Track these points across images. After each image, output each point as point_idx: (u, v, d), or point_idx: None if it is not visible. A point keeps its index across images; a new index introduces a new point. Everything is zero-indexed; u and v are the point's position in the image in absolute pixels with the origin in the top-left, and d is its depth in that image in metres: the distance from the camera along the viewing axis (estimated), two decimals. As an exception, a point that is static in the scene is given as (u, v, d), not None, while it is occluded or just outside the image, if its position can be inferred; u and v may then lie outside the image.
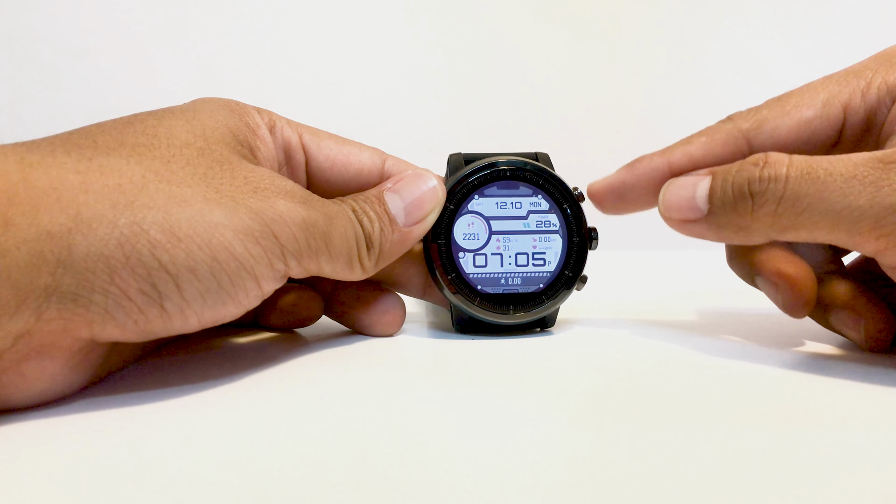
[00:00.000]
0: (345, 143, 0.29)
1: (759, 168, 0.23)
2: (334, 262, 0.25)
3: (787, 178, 0.23)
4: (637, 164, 0.28)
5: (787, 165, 0.23)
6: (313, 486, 0.15)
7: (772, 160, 0.23)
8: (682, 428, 0.19)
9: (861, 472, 0.16)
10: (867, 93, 0.25)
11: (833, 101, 0.25)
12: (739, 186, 0.24)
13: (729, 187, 0.24)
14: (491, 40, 0.73)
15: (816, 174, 0.22)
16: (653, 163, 0.27)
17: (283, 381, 0.24)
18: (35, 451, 0.18)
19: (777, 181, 0.23)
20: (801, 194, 0.22)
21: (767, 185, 0.23)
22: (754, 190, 0.23)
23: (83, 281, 0.19)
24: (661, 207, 0.27)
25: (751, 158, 0.24)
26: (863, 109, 0.25)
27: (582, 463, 0.17)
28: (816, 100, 0.25)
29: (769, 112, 0.26)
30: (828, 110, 0.25)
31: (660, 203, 0.27)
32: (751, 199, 0.23)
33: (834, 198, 0.22)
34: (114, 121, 0.23)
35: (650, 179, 0.27)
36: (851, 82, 0.25)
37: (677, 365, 0.25)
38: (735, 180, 0.24)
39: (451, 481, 0.16)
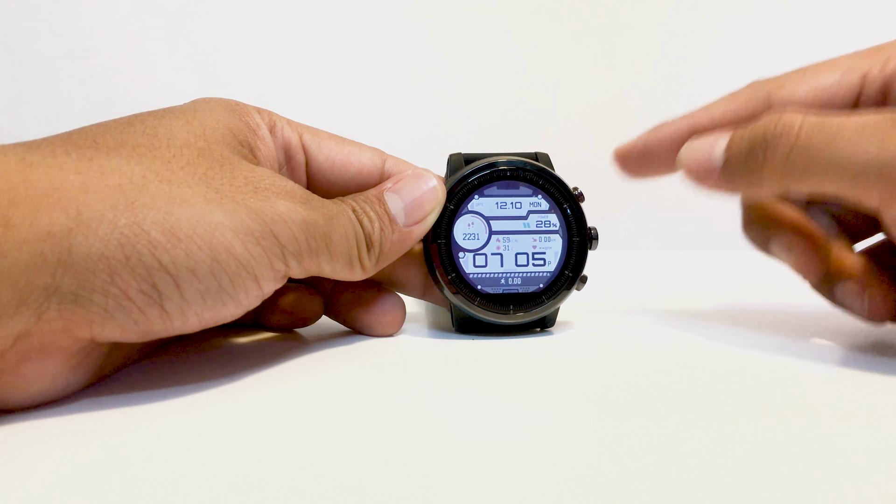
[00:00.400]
0: (345, 144, 0.29)
1: (776, 119, 0.24)
2: (334, 262, 0.25)
3: (800, 128, 0.23)
4: (661, 126, 0.29)
5: (801, 118, 0.24)
6: (313, 486, 0.15)
7: (787, 114, 0.24)
8: (683, 428, 0.19)
9: (864, 472, 0.16)
10: (886, 65, 0.25)
11: (852, 70, 0.26)
12: (754, 137, 0.25)
13: (745, 138, 0.25)
14: (491, 40, 0.73)
15: (828, 126, 0.23)
16: (676, 125, 0.28)
17: (283, 381, 0.24)
18: (35, 451, 0.18)
19: (790, 131, 0.24)
20: (811, 144, 0.23)
21: (781, 135, 0.24)
22: (768, 139, 0.24)
23: (83, 281, 0.19)
24: (681, 159, 0.27)
25: (767, 114, 0.25)
26: (880, 80, 0.25)
27: (582, 463, 0.17)
28: (837, 68, 0.26)
29: (789, 77, 0.27)
30: (847, 77, 0.26)
31: (679, 156, 0.27)
32: (763, 149, 0.24)
33: (842, 148, 0.22)
34: (114, 121, 0.23)
35: (672, 141, 0.28)
36: (872, 56, 0.26)
37: (677, 365, 0.25)
38: (751, 132, 0.25)
39: (451, 481, 0.16)
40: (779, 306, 0.37)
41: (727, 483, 0.15)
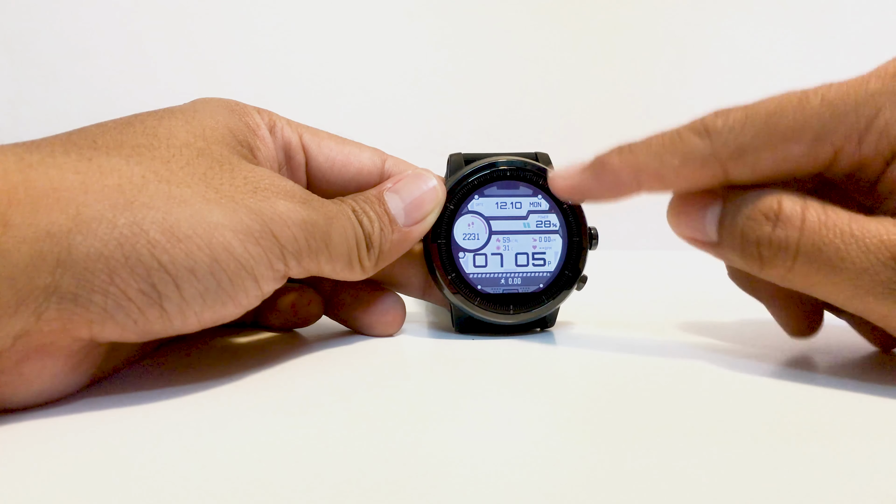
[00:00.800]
0: (345, 144, 0.29)
1: (772, 227, 0.22)
2: (334, 261, 0.25)
3: (798, 250, 0.21)
4: (603, 169, 0.25)
5: (800, 225, 0.21)
6: (313, 486, 0.15)
7: (784, 216, 0.22)
8: (682, 429, 0.19)
9: (868, 481, 0.16)
10: (864, 138, 0.22)
11: (825, 138, 0.22)
12: (748, 241, 0.23)
13: (738, 234, 0.23)
14: (491, 40, 0.73)
15: (827, 254, 0.21)
16: (621, 173, 0.25)
17: (283, 381, 0.24)
18: (35, 451, 0.18)
19: (788, 249, 0.22)
20: (811, 269, 0.21)
21: (777, 252, 0.22)
22: (764, 253, 0.22)
23: (83, 281, 0.19)
24: (671, 222, 0.26)
25: (763, 204, 0.22)
26: (856, 157, 0.22)
27: (581, 464, 0.17)
28: (808, 133, 0.22)
29: (754, 139, 0.23)
30: (817, 149, 0.22)
31: (669, 217, 0.26)
32: (759, 260, 0.22)
33: (847, 288, 0.21)
34: (114, 121, 0.23)
35: (615, 188, 0.25)
36: (849, 120, 0.22)
37: (677, 365, 0.25)
38: (745, 231, 0.23)
39: (451, 481, 0.16)
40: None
41: (726, 486, 0.15)
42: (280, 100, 0.61)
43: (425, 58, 0.73)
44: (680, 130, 0.24)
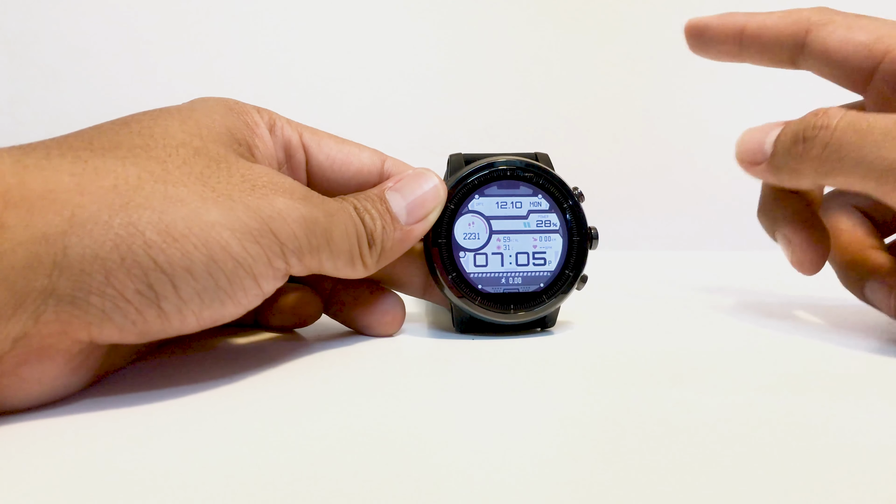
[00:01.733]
0: (344, 143, 0.29)
1: (817, 116, 0.26)
2: (336, 259, 0.25)
3: (836, 127, 0.25)
4: (727, 14, 0.31)
5: (839, 117, 0.25)
6: (314, 486, 0.15)
7: (829, 112, 0.26)
8: (683, 429, 0.19)
9: (871, 473, 0.16)
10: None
11: (882, 41, 0.27)
12: (797, 131, 0.26)
13: (790, 133, 0.27)
14: (491, 40, 0.73)
15: (859, 126, 0.24)
16: (737, 16, 0.31)
17: (283, 381, 0.24)
18: (35, 451, 0.18)
19: (826, 128, 0.25)
20: (843, 142, 0.25)
21: (818, 132, 0.25)
22: (808, 135, 0.26)
23: (79, 283, 0.19)
24: (736, 149, 0.30)
25: (813, 111, 0.26)
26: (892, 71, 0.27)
27: (582, 464, 0.17)
28: (874, 32, 0.27)
29: (842, 20, 0.28)
30: (875, 46, 0.27)
31: (736, 145, 0.30)
32: (803, 143, 0.26)
33: (869, 149, 0.24)
34: (110, 122, 0.23)
35: (726, 29, 0.31)
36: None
37: (677, 365, 0.25)
38: (795, 127, 0.27)
39: (451, 482, 0.16)
40: (779, 306, 0.37)
41: (729, 485, 0.15)
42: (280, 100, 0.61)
43: (425, 57, 0.73)
44: None
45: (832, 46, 0.28)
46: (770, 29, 0.30)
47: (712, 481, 0.15)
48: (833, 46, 0.28)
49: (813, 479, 0.16)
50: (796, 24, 0.29)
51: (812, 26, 0.29)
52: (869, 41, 0.28)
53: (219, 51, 0.70)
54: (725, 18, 0.32)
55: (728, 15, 0.32)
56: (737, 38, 0.31)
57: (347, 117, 0.71)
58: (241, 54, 0.70)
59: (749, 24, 0.31)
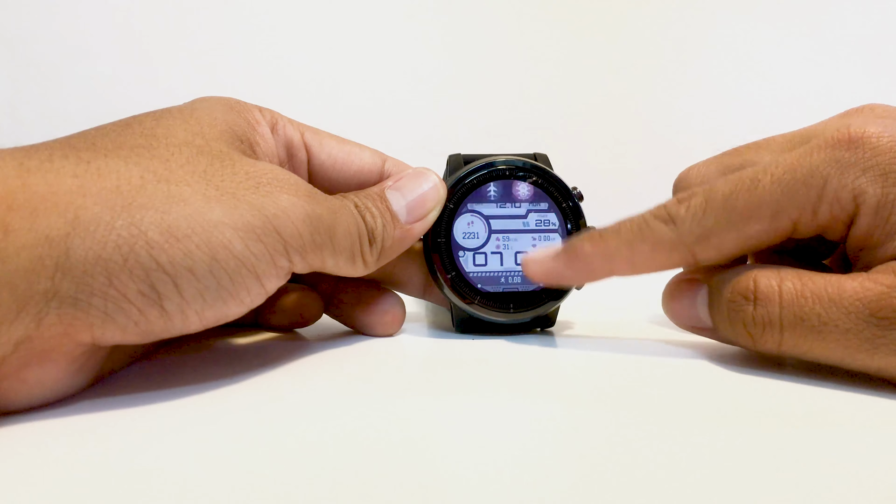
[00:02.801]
0: (346, 143, 0.29)
1: (752, 307, 0.23)
2: (337, 256, 0.25)
3: (783, 324, 0.23)
4: (576, 256, 0.27)
5: (780, 305, 0.23)
6: (314, 486, 0.15)
7: (762, 294, 0.23)
8: (683, 429, 0.19)
9: (868, 480, 0.16)
10: (818, 208, 0.23)
11: (781, 214, 0.23)
12: (735, 323, 0.24)
13: (725, 317, 0.24)
14: (491, 41, 0.73)
15: (811, 323, 0.22)
16: (594, 260, 0.26)
17: (284, 381, 0.24)
18: (35, 451, 0.18)
19: (773, 325, 0.23)
20: (800, 339, 0.22)
21: (764, 329, 0.23)
22: (751, 332, 0.23)
23: (82, 285, 0.19)
24: (669, 316, 0.27)
25: (739, 284, 0.24)
26: (814, 225, 0.23)
27: (582, 464, 0.17)
28: (765, 210, 0.23)
29: (715, 222, 0.24)
30: (776, 223, 0.23)
31: (665, 311, 0.28)
32: (751, 339, 0.24)
33: (837, 349, 0.22)
34: (112, 123, 0.23)
35: (588, 274, 0.27)
36: (800, 194, 0.23)
37: (678, 365, 0.25)
38: (730, 314, 0.24)
39: (451, 482, 0.16)
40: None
41: (728, 486, 0.15)
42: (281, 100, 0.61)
43: (425, 58, 0.73)
44: (646, 217, 0.26)
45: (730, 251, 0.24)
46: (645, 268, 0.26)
47: (714, 480, 0.15)
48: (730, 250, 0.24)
49: (817, 477, 0.16)
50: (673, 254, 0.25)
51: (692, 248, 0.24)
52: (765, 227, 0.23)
53: (219, 51, 0.70)
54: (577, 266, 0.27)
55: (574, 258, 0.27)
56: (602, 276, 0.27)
57: (348, 117, 0.71)
58: (242, 55, 0.70)
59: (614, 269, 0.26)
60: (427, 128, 0.73)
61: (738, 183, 0.24)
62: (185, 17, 0.69)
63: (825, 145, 0.23)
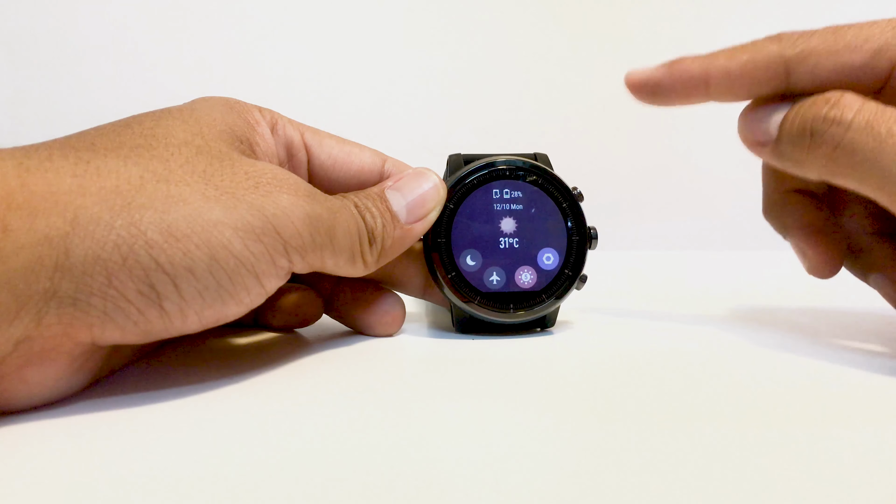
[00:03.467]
0: (346, 143, 0.29)
1: (829, 106, 0.23)
2: (337, 256, 0.25)
3: (850, 126, 0.22)
4: (676, 65, 0.27)
5: (855, 112, 0.22)
6: (314, 486, 0.15)
7: (844, 102, 0.23)
8: (683, 429, 0.19)
9: (869, 476, 0.16)
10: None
11: (884, 52, 0.24)
12: (805, 121, 0.24)
13: (797, 119, 0.24)
14: (490, 40, 0.73)
15: (878, 131, 0.22)
16: (692, 69, 0.26)
17: (284, 381, 0.24)
18: (35, 451, 0.18)
19: (839, 125, 0.23)
20: (857, 146, 0.22)
21: (829, 127, 0.23)
22: (816, 128, 0.23)
23: (81, 285, 0.19)
24: (739, 124, 0.27)
25: (825, 95, 0.24)
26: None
27: (582, 464, 0.17)
28: (868, 46, 0.24)
29: (819, 44, 0.24)
30: (876, 61, 0.24)
31: (739, 119, 0.27)
32: (810, 137, 0.23)
33: (887, 160, 0.22)
34: (112, 123, 0.23)
35: (685, 84, 0.27)
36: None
37: (677, 365, 0.25)
38: (804, 114, 0.24)
39: (451, 482, 0.16)
40: (779, 307, 0.37)
41: (726, 487, 0.15)
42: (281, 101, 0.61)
43: (425, 58, 0.73)
44: (755, 39, 0.26)
45: (826, 78, 0.25)
46: (739, 79, 0.26)
47: (713, 480, 0.15)
48: (827, 78, 0.25)
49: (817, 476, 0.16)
50: (769, 68, 0.25)
51: (789, 63, 0.25)
52: (865, 61, 0.24)
53: (219, 51, 0.70)
54: (676, 71, 0.27)
55: (676, 65, 0.27)
56: (698, 90, 0.27)
57: (348, 118, 0.71)
58: (242, 55, 0.70)
59: (710, 73, 0.26)
60: (427, 128, 0.73)
61: (850, 24, 0.25)
62: (185, 17, 0.69)
63: None
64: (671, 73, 0.27)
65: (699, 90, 0.27)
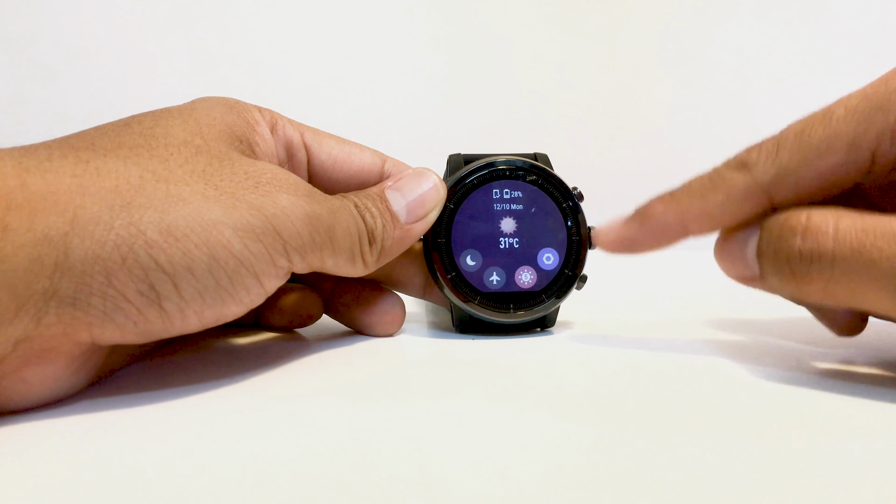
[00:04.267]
0: (346, 143, 0.29)
1: (800, 239, 0.21)
2: (337, 256, 0.25)
3: (834, 259, 0.20)
4: (647, 218, 0.26)
5: (833, 239, 0.20)
6: (313, 486, 0.15)
7: (812, 228, 0.21)
8: (683, 430, 0.19)
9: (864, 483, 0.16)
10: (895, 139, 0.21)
11: (859, 143, 0.22)
12: (780, 259, 0.22)
13: (771, 255, 0.22)
14: (490, 40, 0.73)
15: (868, 254, 0.20)
16: (666, 219, 0.25)
17: (284, 381, 0.24)
18: (35, 451, 0.18)
19: (821, 260, 0.21)
20: (851, 276, 0.20)
21: (811, 265, 0.21)
22: (797, 268, 0.21)
23: (81, 284, 0.19)
24: (719, 265, 0.25)
25: (790, 220, 0.22)
26: (892, 156, 0.22)
27: (581, 464, 0.17)
28: (840, 141, 0.22)
29: (790, 159, 0.22)
30: (854, 155, 0.22)
31: (716, 259, 0.25)
32: (794, 276, 0.21)
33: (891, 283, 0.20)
34: (112, 123, 0.23)
35: (662, 236, 0.26)
36: (878, 119, 0.21)
37: (677, 366, 0.25)
38: (776, 250, 0.22)
39: (451, 482, 0.16)
40: (780, 307, 0.37)
41: (725, 488, 0.15)
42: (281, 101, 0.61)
43: (425, 57, 0.73)
44: (717, 169, 0.24)
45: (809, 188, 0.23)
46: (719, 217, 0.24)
47: (713, 481, 0.15)
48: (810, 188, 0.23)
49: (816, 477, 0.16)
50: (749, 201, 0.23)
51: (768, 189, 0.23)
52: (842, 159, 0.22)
53: (219, 51, 0.70)
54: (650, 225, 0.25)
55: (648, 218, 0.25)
56: (676, 236, 0.25)
57: (348, 117, 0.71)
58: (242, 55, 0.70)
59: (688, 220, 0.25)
60: (427, 128, 0.73)
61: (811, 119, 0.23)
62: (185, 17, 0.69)
63: None
64: (646, 229, 0.26)
65: (677, 236, 0.25)
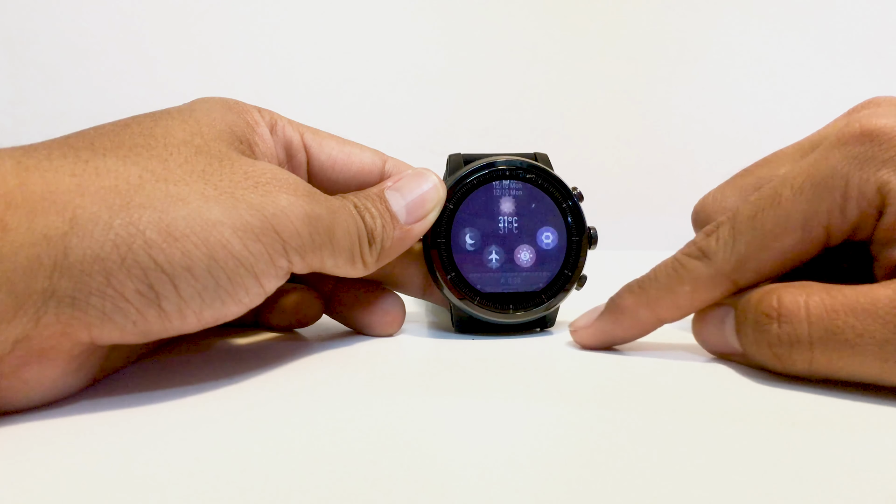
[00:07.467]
0: (346, 143, 0.29)
1: (776, 324, 0.22)
2: (337, 256, 0.25)
3: (812, 342, 0.21)
4: (620, 313, 0.27)
5: (806, 321, 0.21)
6: (313, 486, 0.15)
7: (786, 312, 0.22)
8: (683, 429, 0.19)
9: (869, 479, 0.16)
10: (846, 208, 0.22)
11: (811, 222, 0.23)
12: (760, 343, 0.23)
13: (752, 340, 0.23)
14: (490, 40, 0.73)
15: (844, 336, 0.20)
16: (639, 316, 0.26)
17: (284, 381, 0.24)
18: (35, 451, 0.18)
19: (799, 345, 0.21)
20: (832, 356, 0.21)
21: (791, 348, 0.22)
22: (778, 352, 0.22)
23: (80, 284, 0.19)
24: (697, 339, 0.26)
25: (762, 304, 0.22)
26: (846, 225, 0.22)
27: (581, 464, 0.17)
28: (793, 222, 0.23)
29: (747, 246, 0.24)
30: (808, 234, 0.23)
31: (697, 339, 0.27)
32: (778, 360, 0.22)
33: (870, 363, 0.20)
34: (111, 123, 0.23)
35: (637, 330, 0.27)
36: (825, 198, 0.22)
37: (677, 366, 0.25)
38: (756, 336, 0.23)
39: (450, 482, 0.16)
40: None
41: (725, 485, 0.15)
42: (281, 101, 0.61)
43: (425, 57, 0.73)
44: (679, 258, 0.26)
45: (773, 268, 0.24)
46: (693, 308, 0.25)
47: (713, 481, 0.15)
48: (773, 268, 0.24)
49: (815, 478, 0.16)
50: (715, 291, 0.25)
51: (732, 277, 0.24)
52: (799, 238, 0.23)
53: (219, 51, 0.70)
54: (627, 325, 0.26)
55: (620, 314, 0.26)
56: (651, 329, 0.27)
57: (348, 117, 0.71)
58: (242, 55, 0.71)
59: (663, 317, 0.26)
60: (427, 128, 0.73)
61: (760, 202, 0.24)
62: (185, 17, 0.69)
63: (839, 144, 0.22)
64: (621, 325, 0.27)
65: (652, 326, 0.26)
